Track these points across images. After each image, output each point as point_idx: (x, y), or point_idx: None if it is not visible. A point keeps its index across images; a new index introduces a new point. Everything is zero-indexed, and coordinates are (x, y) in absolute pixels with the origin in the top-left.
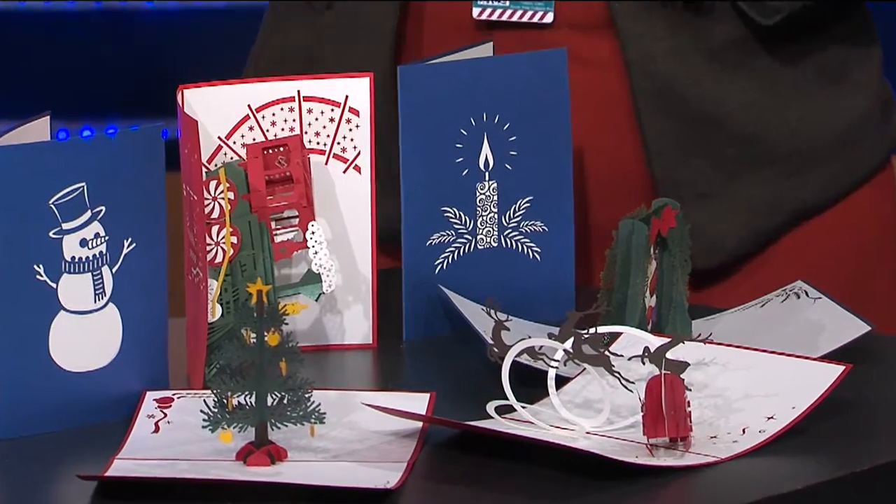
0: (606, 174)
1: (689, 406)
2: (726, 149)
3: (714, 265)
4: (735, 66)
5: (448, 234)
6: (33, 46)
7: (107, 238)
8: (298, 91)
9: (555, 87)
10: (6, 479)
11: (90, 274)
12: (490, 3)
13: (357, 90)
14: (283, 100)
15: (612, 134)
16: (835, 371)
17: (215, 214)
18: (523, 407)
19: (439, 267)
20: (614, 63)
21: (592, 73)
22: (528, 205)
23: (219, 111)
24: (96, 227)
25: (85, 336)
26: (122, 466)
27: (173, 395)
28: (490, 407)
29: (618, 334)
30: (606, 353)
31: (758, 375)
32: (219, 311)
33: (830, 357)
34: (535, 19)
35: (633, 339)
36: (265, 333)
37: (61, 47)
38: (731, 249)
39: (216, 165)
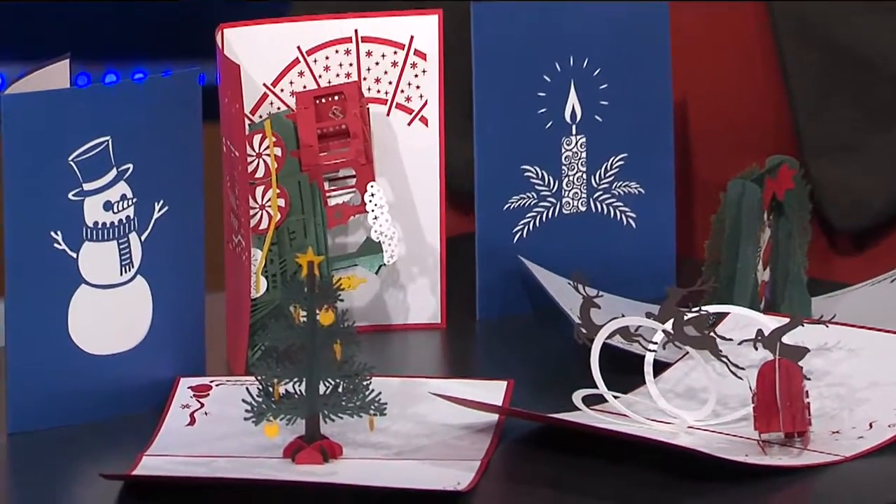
0: (718, 125)
1: (807, 397)
2: (876, 93)
3: (859, 227)
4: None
5: (529, 197)
6: None
7: (135, 200)
8: (356, 31)
9: (653, 29)
10: (19, 479)
11: (115, 242)
12: None
13: (424, 30)
14: (339, 41)
15: (732, 77)
16: None
17: (260, 173)
18: (615, 397)
19: (518, 234)
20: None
21: (726, 9)
22: (621, 163)
23: (264, 54)
24: (123, 187)
25: (109, 314)
26: (151, 464)
27: (211, 382)
28: (577, 397)
29: (725, 314)
30: (712, 335)
31: (887, 362)
32: (263, 285)
33: None
34: None
35: (743, 320)
36: (317, 311)
37: None
38: (879, 209)
39: (261, 117)
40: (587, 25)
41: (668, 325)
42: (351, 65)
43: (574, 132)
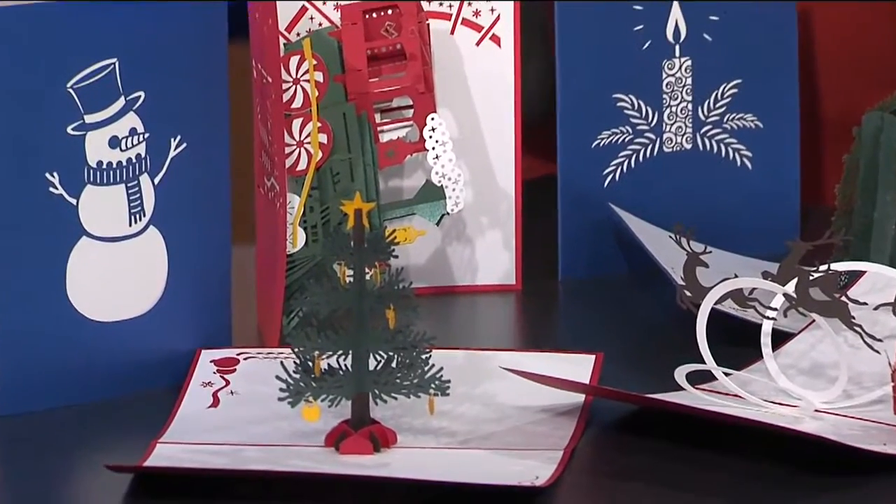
0: (850, 46)
1: None
2: None
3: None
4: None
5: (622, 132)
6: None
7: (147, 136)
8: None
9: None
10: (10, 469)
11: (123, 185)
12: None
13: None
14: None
15: None
16: None
17: (297, 103)
18: (726, 374)
19: (609, 177)
20: None
21: None
22: (734, 91)
23: None
24: (132, 120)
25: (116, 272)
26: (166, 453)
27: (238, 354)
28: (680, 374)
29: (860, 273)
30: (844, 299)
31: None
32: (302, 237)
33: None
34: None
35: (881, 280)
36: (366, 270)
37: None
38: None
39: (299, 35)
40: None
41: (791, 288)
42: None
43: (678, 53)
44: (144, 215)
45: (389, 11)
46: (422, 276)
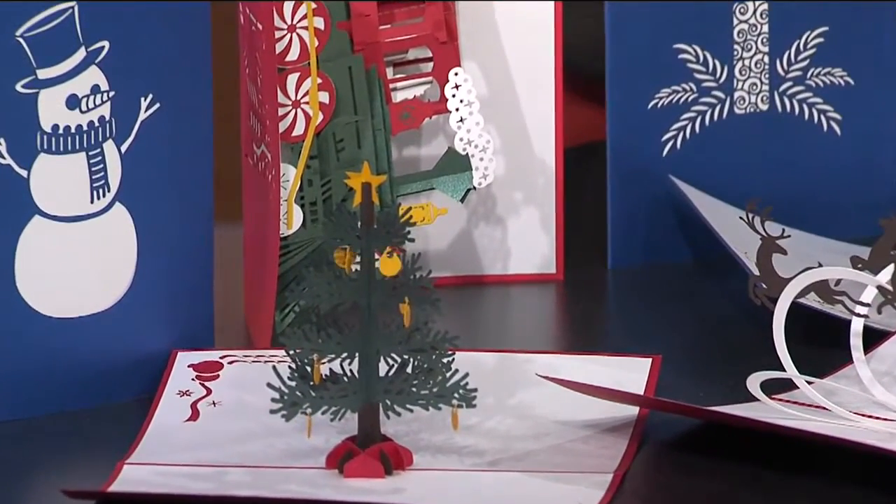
0: None
1: None
2: None
3: None
4: None
5: (684, 90)
6: None
7: (112, 94)
8: None
9: None
10: None
11: (84, 154)
12: None
13: None
14: None
15: None
16: None
17: (293, 55)
18: (809, 382)
19: (669, 145)
20: None
21: None
22: (819, 40)
23: None
24: (94, 75)
25: (75, 259)
26: (135, 476)
27: (222, 358)
28: (753, 381)
29: None
30: None
31: None
32: (298, 217)
33: None
34: None
35: None
36: (376, 256)
37: None
38: None
39: None
40: None
41: (885, 278)
42: None
43: None
44: (109, 190)
45: None
46: (443, 263)
